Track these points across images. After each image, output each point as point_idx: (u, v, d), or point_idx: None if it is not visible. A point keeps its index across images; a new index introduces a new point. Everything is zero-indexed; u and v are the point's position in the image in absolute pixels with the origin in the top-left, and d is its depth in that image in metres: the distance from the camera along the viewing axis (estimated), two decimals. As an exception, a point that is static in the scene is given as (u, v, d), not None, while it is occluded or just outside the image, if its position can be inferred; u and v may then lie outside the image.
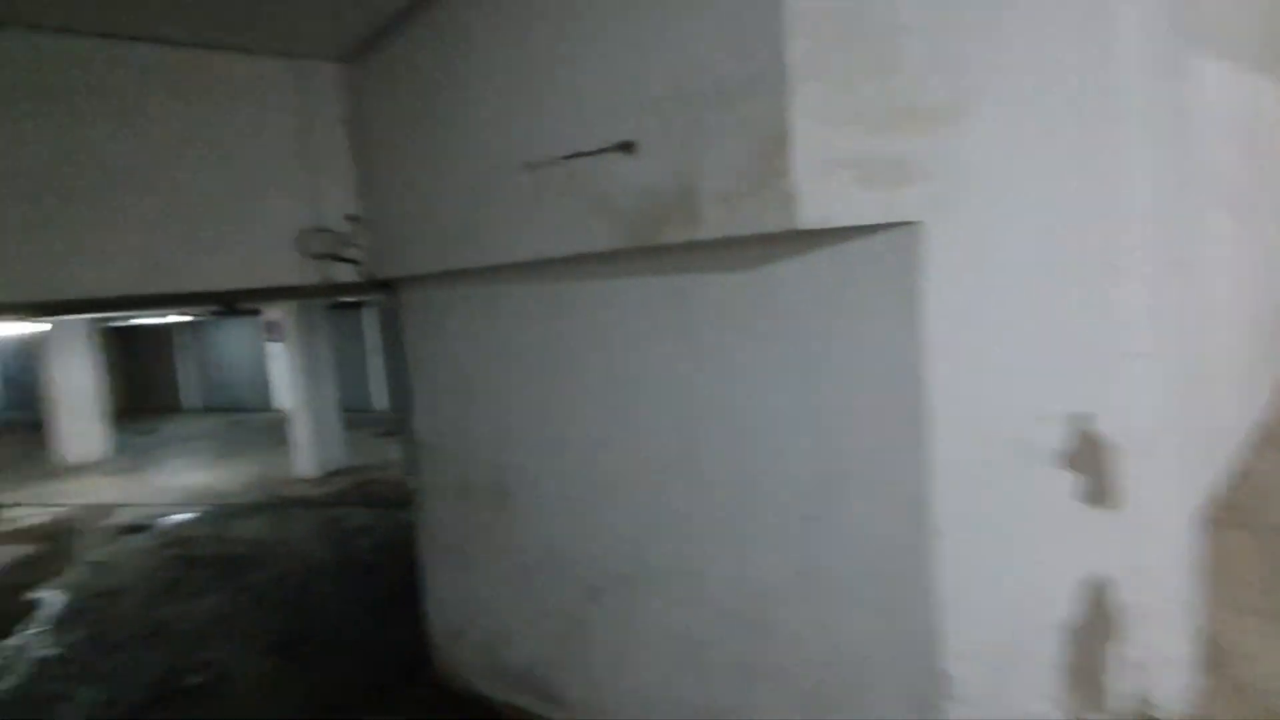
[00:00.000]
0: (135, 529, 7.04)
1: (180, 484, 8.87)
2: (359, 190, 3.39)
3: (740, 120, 1.76)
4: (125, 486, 8.93)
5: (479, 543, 3.25)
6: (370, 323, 13.34)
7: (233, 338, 15.06)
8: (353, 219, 3.38)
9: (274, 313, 15.01)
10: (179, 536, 6.70)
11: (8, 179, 2.57)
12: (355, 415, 12.42)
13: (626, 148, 2.00)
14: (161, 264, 2.87)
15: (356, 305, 13.39)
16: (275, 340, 15.18)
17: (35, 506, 8.18)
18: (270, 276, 3.20)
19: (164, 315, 12.57)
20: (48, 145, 2.63)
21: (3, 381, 19.11)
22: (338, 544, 6.19)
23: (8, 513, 8.02)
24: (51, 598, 5.38)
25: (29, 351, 15.02)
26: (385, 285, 3.57)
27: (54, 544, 6.73)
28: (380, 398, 13.54)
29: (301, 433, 8.64)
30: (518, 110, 2.47)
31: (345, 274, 3.38)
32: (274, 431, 12.13)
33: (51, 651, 4.47)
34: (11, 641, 4.64)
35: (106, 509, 7.90)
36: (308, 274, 3.28)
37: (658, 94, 1.97)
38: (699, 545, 2.23)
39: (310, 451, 8.61)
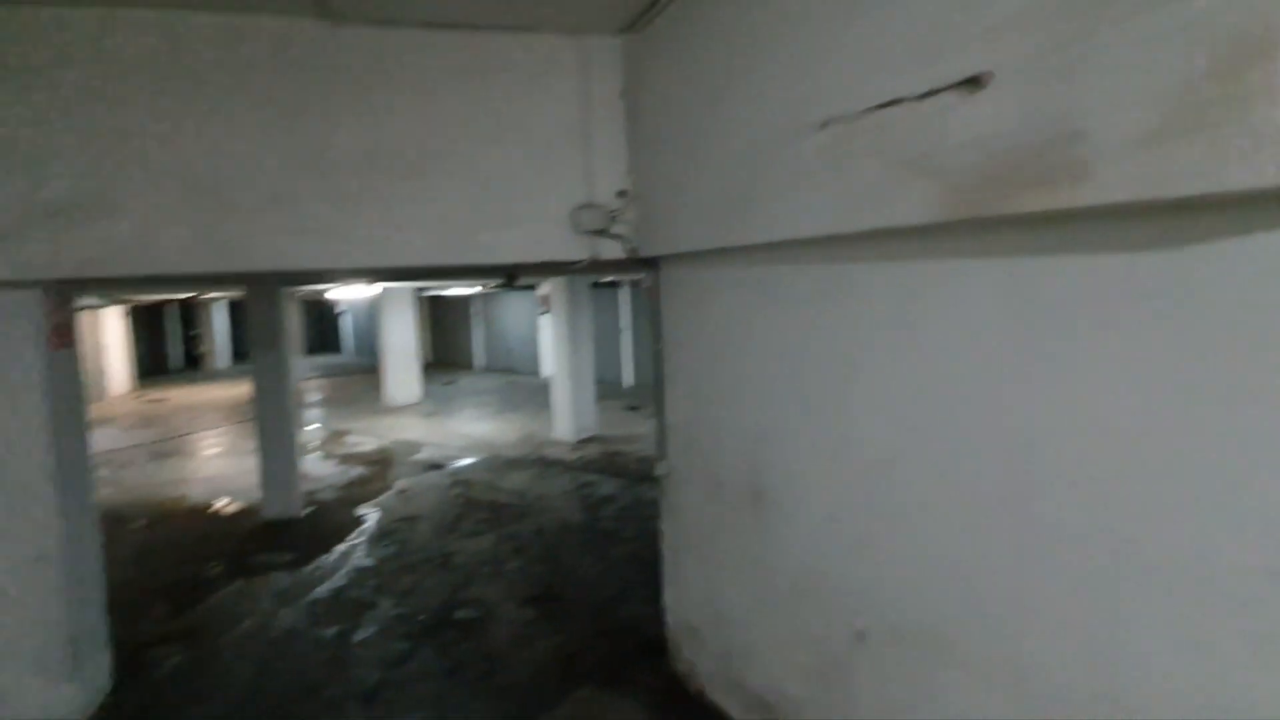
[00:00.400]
0: (432, 466, 8.29)
1: (467, 432, 10.27)
2: (630, 165, 3.31)
3: (1180, 22, 1.16)
4: (428, 428, 10.64)
5: (725, 544, 3.01)
6: (624, 300, 14.08)
7: (513, 309, 17.14)
8: (622, 194, 3.32)
9: (546, 287, 16.82)
10: (463, 479, 7.70)
11: (357, 157, 2.95)
12: (606, 387, 13.23)
13: (972, 83, 1.50)
14: (456, 237, 3.09)
15: (613, 283, 14.21)
16: (545, 312, 17.05)
17: (366, 436, 10.15)
18: (547, 251, 3.28)
19: (457, 286, 14.80)
20: (371, 129, 2.96)
21: (354, 334, 24.36)
22: (587, 508, 6.53)
23: (348, 438, 10.08)
24: (370, 516, 6.54)
25: (370, 310, 19.11)
26: (648, 262, 3.47)
27: (376, 469, 8.22)
28: (629, 373, 14.26)
29: (561, 399, 9.39)
30: (813, 59, 2.08)
31: (612, 250, 3.35)
32: (539, 395, 13.57)
33: (366, 562, 5.37)
34: (341, 548, 5.69)
35: (414, 446, 9.46)
36: (579, 249, 3.30)
37: (1019, 5, 1.44)
38: (1030, 617, 1.66)
39: (567, 417, 9.32)
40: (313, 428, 11.05)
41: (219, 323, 21.75)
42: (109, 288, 9.51)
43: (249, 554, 5.66)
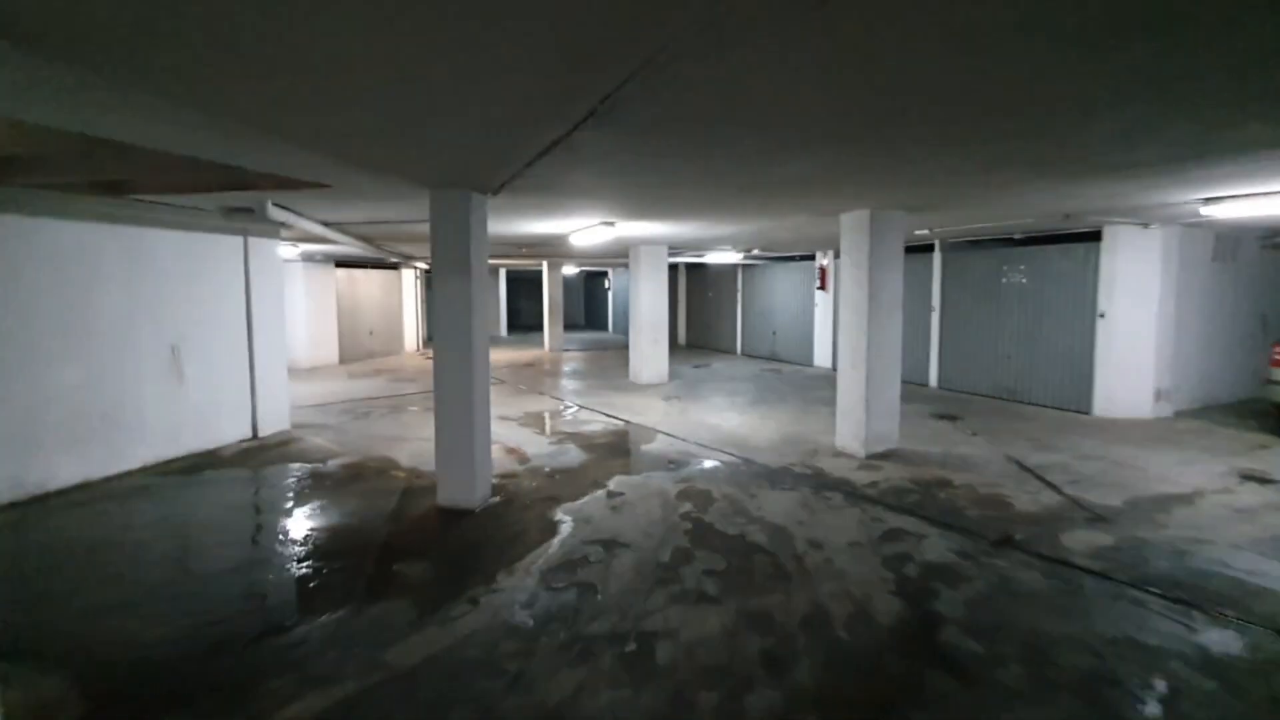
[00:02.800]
0: (662, 464, 6.08)
1: (714, 423, 7.93)
2: None
3: None
4: (668, 413, 8.55)
5: None
6: (936, 269, 10.41)
7: (781, 284, 14.41)
8: None
9: (824, 258, 13.74)
10: (698, 489, 5.32)
11: None
12: (907, 389, 9.79)
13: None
14: None
15: (927, 248, 10.63)
16: (821, 288, 13.97)
17: (596, 414, 8.42)
18: None
19: (716, 252, 12.52)
20: None
21: (615, 310, 23.94)
22: (904, 585, 3.62)
23: (577, 414, 8.46)
24: (563, 526, 4.50)
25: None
26: None
27: (594, 457, 6.29)
28: (935, 371, 10.56)
29: (849, 396, 6.45)
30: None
31: None
32: (809, 389, 10.70)
33: (520, 619, 3.25)
34: (499, 582, 3.67)
35: (647, 433, 7.40)
36: None
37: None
38: None
39: (855, 420, 6.37)
40: (544, 399, 9.75)
41: (502, 295, 22.92)
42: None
43: (389, 559, 3.97)
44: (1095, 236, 8.28)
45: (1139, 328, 7.94)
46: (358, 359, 14.93)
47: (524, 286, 26.40)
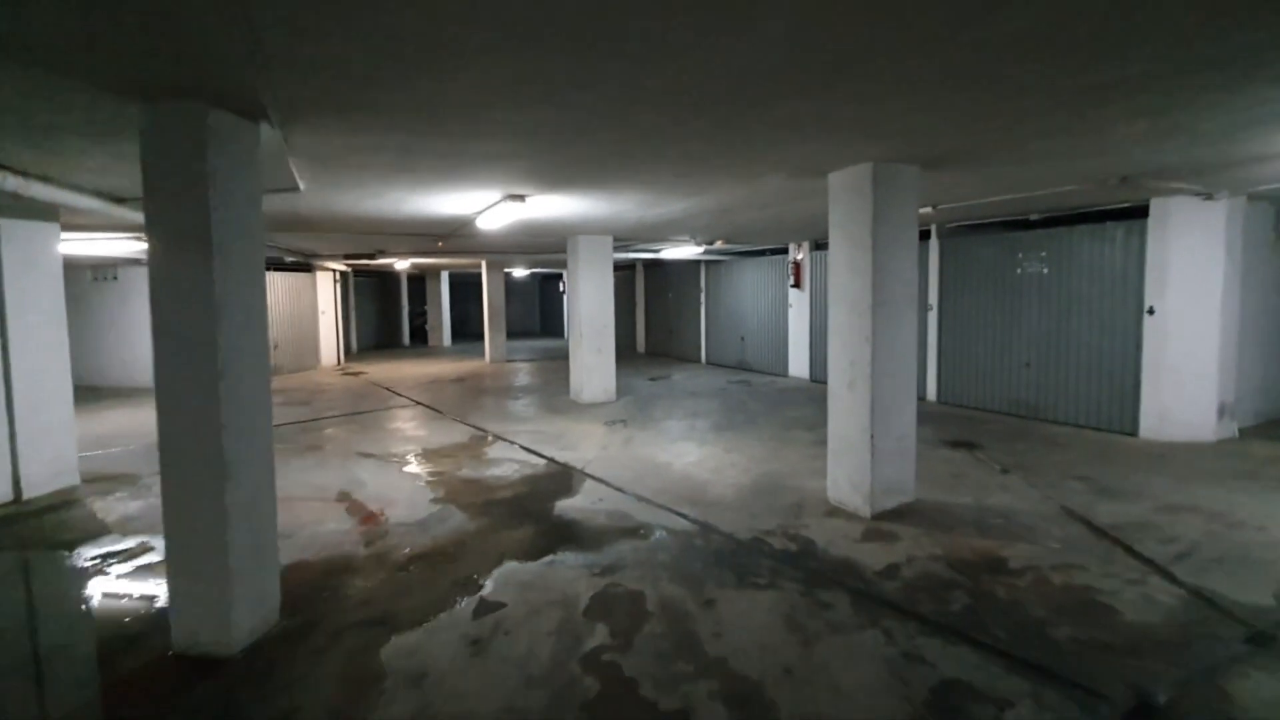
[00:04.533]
0: (582, 536, 4.15)
1: (664, 460, 6.03)
2: None
3: None
4: (608, 444, 6.61)
5: None
6: (933, 254, 8.69)
7: (750, 283, 12.62)
8: None
9: (799, 250, 11.94)
10: (623, 592, 3.41)
11: None
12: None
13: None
14: None
15: (921, 234, 8.90)
16: (796, 287, 12.19)
17: (515, 449, 6.45)
18: None
19: (672, 247, 10.59)
20: None
21: (568, 314, 21.94)
22: None
23: (491, 449, 6.48)
24: (387, 684, 2.54)
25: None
26: None
27: (481, 527, 4.33)
28: (932, 380, 8.83)
29: (845, 429, 4.59)
30: None
31: None
32: (786, 404, 8.84)
33: None
34: None
35: (570, 479, 5.46)
36: None
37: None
38: None
39: (853, 465, 4.51)
40: (457, 428, 7.74)
41: (444, 300, 20.77)
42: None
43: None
44: (1137, 213, 6.62)
45: (1199, 327, 6.27)
46: (258, 377, 12.68)
47: (473, 290, 24.24)
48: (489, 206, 5.98)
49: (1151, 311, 6.45)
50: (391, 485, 5.36)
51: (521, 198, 5.57)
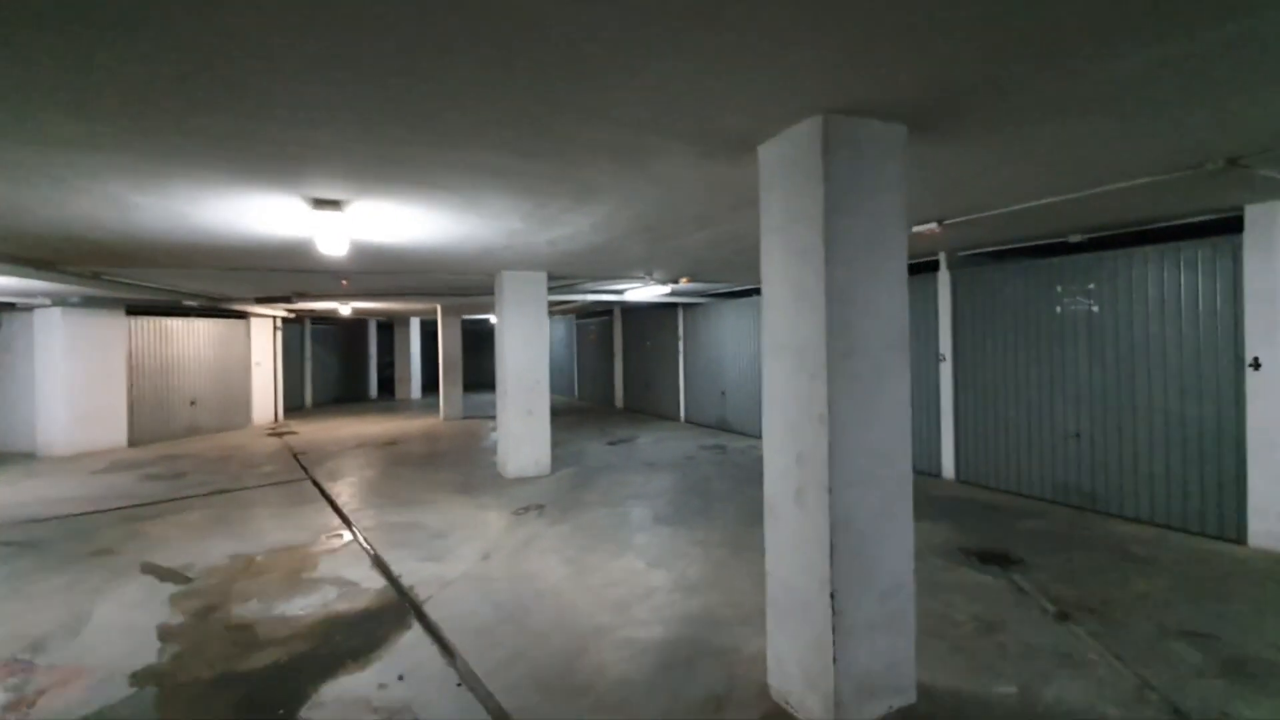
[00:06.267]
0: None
1: (553, 583, 4.13)
2: None
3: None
4: (493, 559, 4.73)
5: None
6: (945, 291, 6.84)
7: (730, 327, 10.83)
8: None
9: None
10: None
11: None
12: (918, 482, 6.08)
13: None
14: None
15: (927, 265, 7.14)
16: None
17: (370, 559, 4.55)
18: None
19: (636, 287, 8.81)
20: None
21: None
22: None
23: (337, 559, 4.60)
24: None
25: (566, 340, 13.12)
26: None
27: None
28: (951, 456, 6.87)
29: (788, 576, 2.69)
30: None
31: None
32: (759, 481, 6.53)
33: None
34: None
35: (397, 622, 3.58)
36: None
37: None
38: None
39: (806, 640, 2.59)
40: (318, 517, 5.89)
41: (413, 349, 19.20)
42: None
43: None
44: (1222, 228, 4.80)
45: (1333, 386, 4.35)
46: (168, 437, 11.02)
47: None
48: (322, 222, 4.29)
49: (1257, 364, 4.54)
50: (114, 634, 3.52)
51: (337, 204, 3.88)
